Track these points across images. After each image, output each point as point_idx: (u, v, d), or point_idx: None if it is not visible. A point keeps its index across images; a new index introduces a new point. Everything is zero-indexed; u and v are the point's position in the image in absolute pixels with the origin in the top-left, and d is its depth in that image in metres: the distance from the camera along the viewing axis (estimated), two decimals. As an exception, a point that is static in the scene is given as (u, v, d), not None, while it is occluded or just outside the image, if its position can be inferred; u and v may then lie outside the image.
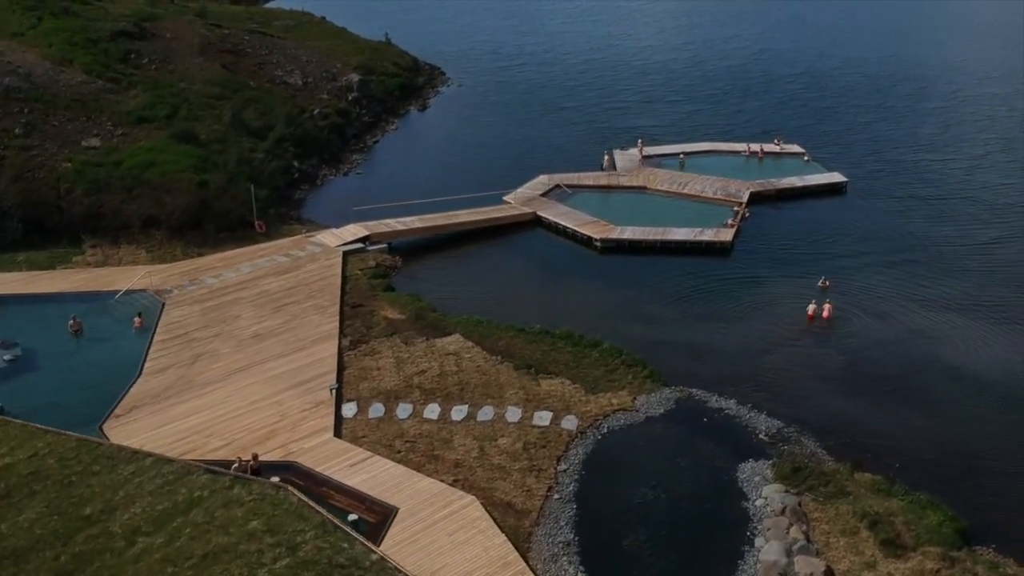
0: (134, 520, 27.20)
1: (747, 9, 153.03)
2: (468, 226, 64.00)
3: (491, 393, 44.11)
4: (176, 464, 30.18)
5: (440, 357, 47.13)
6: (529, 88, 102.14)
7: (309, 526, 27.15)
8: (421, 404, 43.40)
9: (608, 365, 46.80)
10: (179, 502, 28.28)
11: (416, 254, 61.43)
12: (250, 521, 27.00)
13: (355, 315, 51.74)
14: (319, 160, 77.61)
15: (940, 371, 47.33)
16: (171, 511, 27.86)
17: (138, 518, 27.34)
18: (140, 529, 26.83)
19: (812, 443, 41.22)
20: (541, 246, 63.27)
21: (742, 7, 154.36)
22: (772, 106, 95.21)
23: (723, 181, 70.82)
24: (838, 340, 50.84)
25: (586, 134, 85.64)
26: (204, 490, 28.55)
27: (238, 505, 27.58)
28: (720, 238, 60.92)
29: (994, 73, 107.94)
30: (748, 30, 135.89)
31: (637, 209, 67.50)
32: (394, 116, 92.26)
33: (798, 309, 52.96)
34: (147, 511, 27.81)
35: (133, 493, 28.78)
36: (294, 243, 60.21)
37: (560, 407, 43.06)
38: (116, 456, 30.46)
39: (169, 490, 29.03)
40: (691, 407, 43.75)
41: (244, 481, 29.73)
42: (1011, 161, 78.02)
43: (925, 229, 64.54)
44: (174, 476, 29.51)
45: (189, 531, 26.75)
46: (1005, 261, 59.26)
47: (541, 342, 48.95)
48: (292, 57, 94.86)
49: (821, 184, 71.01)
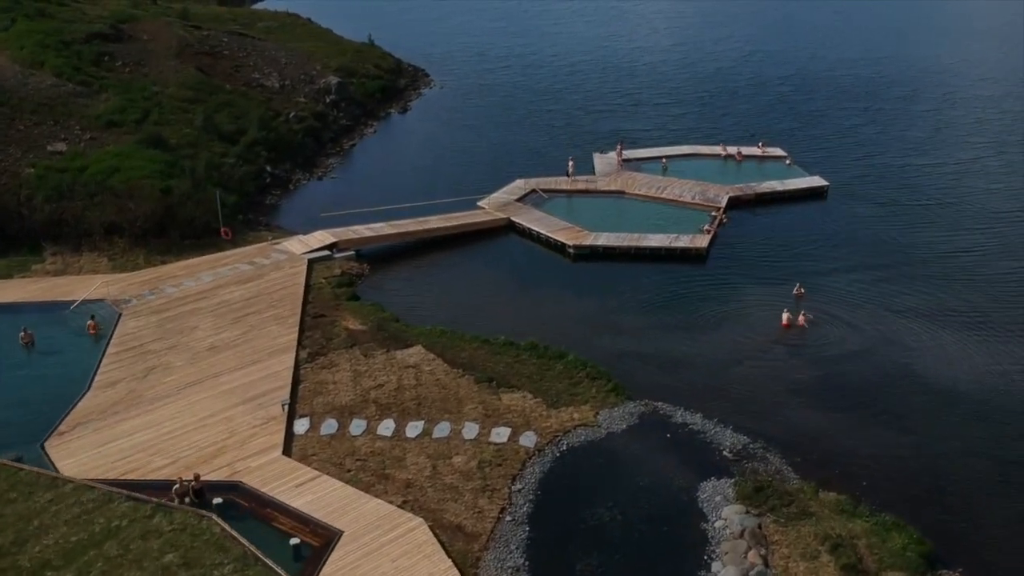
0: (45, 553, 25.73)
1: (742, 10, 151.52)
2: (439, 232, 62.50)
3: (449, 408, 42.59)
4: (97, 491, 28.58)
5: (399, 370, 45.64)
6: (513, 91, 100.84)
7: (229, 559, 25.66)
8: (376, 420, 41.90)
9: (572, 378, 45.25)
10: (95, 533, 26.81)
11: (385, 261, 59.99)
12: (166, 554, 25.55)
13: (316, 326, 50.20)
14: (293, 164, 76.16)
15: (913, 383, 46.09)
16: (85, 543, 26.39)
17: (49, 550, 25.87)
18: (50, 563, 25.37)
19: (778, 460, 39.73)
20: (513, 253, 61.86)
21: (737, 7, 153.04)
22: (760, 109, 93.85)
23: (702, 185, 69.36)
24: (811, 350, 49.48)
25: (567, 138, 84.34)
26: (123, 519, 27.07)
27: (156, 536, 26.09)
28: (695, 244, 59.45)
29: (988, 74, 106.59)
30: (741, 31, 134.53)
31: (614, 214, 66.10)
32: (373, 119, 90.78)
33: (772, 317, 51.74)
34: (60, 543, 26.34)
35: (48, 523, 27.30)
36: (259, 251, 58.76)
37: (520, 423, 41.60)
38: (35, 483, 29.01)
39: (86, 519, 27.58)
40: (655, 422, 42.23)
41: (166, 510, 28.17)
42: (1001, 165, 76.58)
43: (906, 235, 63.31)
44: (93, 504, 28.03)
45: (100, 565, 25.29)
46: (987, 269, 58.04)
47: (505, 354, 47.44)
48: (271, 59, 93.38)
49: (802, 188, 69.55)
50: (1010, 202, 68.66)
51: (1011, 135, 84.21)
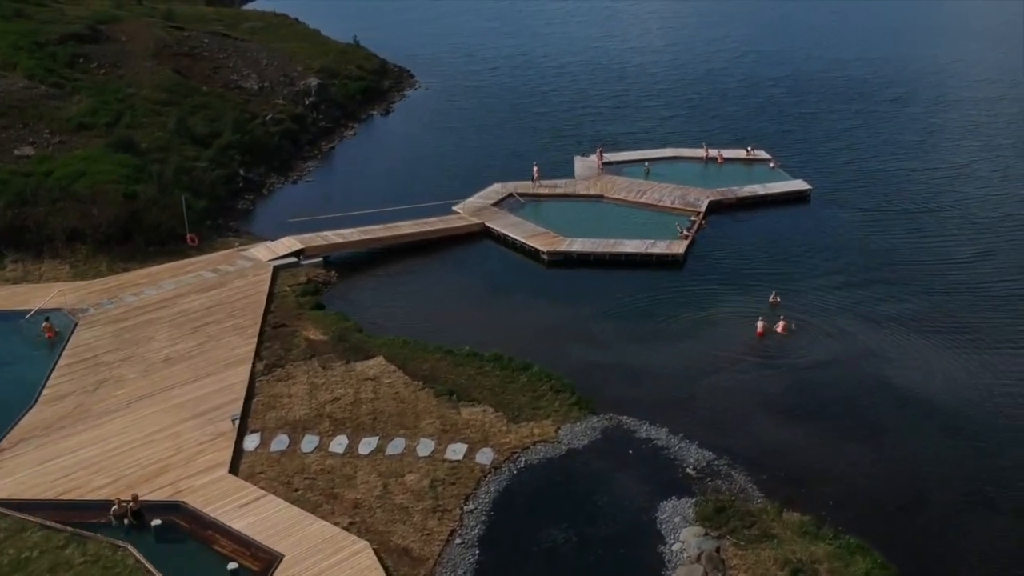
0: (-55, 587, 24.06)
1: (739, 9, 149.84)
2: (411, 238, 61.05)
3: (405, 423, 41.07)
4: (10, 519, 26.96)
5: (358, 383, 44.13)
6: (499, 92, 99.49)
7: (140, 593, 24.00)
8: (329, 436, 40.40)
9: (536, 391, 43.77)
10: (2, 565, 25.08)
11: (353, 268, 58.51)
12: (73, 588, 23.86)
13: (276, 336, 48.73)
14: (268, 168, 74.78)
15: (889, 395, 44.80)
16: (-11, 576, 24.73)
17: (-50, 585, 24.21)
18: (-51, 598, 23.71)
19: (743, 477, 38.23)
20: (487, 259, 60.33)
21: (734, 7, 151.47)
22: (750, 111, 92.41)
23: (683, 189, 67.83)
24: (785, 361, 48.21)
25: (551, 141, 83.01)
26: (34, 550, 25.55)
27: (66, 569, 24.61)
28: (672, 251, 57.93)
29: (984, 75, 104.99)
30: (736, 31, 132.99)
31: (592, 219, 64.65)
32: (354, 121, 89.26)
33: (748, 326, 50.47)
34: (-38, 576, 24.67)
35: (-45, 554, 25.64)
36: (224, 257, 57.26)
37: (477, 438, 40.05)
38: (-52, 510, 27.30)
39: (-5, 550, 25.90)
40: (618, 437, 40.69)
41: (80, 540, 26.55)
42: (993, 170, 74.92)
43: (890, 242, 61.95)
44: (4, 535, 26.35)
45: (2, 601, 23.62)
46: (972, 279, 56.58)
47: (468, 365, 45.93)
48: (252, 60, 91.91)
49: (784, 192, 68.09)
50: (1000, 208, 67.09)
51: (1005, 138, 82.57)
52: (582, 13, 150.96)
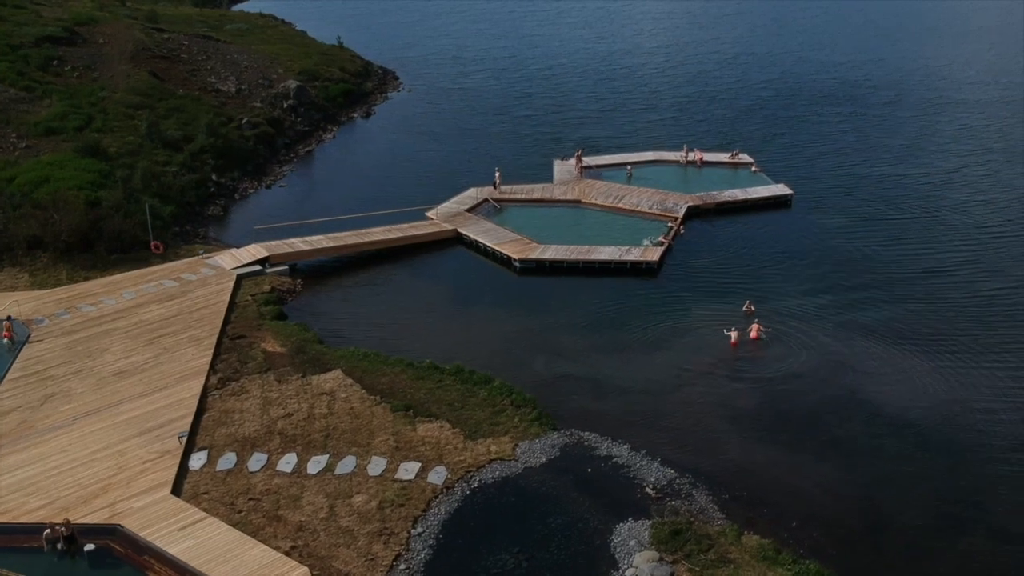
0: None
1: (733, 10, 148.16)
2: (381, 245, 59.55)
3: (358, 440, 39.51)
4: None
5: (312, 397, 42.58)
6: (484, 95, 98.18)
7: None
8: (278, 454, 38.85)
9: (496, 406, 42.22)
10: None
11: (320, 276, 57.01)
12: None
13: (233, 348, 47.19)
14: (242, 173, 73.18)
15: (861, 410, 43.32)
16: None
17: None
18: None
19: (704, 497, 36.66)
20: (458, 266, 58.84)
21: (726, 8, 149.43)
22: (738, 114, 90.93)
23: (661, 194, 66.29)
24: (756, 373, 46.77)
25: (533, 145, 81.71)
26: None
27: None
28: (646, 258, 56.39)
29: (979, 78, 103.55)
30: (729, 32, 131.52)
31: (568, 225, 63.21)
32: (334, 124, 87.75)
33: (721, 336, 49.17)
34: None
35: None
36: (188, 265, 55.71)
37: (432, 456, 38.50)
38: None
39: None
40: (578, 455, 39.09)
41: None
42: (984, 176, 73.31)
43: (873, 250, 60.54)
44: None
45: None
46: (956, 290, 54.94)
47: (428, 378, 44.39)
48: (231, 63, 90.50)
49: (765, 197, 66.34)
50: (989, 215, 65.36)
51: (996, 142, 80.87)
52: (574, 13, 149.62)
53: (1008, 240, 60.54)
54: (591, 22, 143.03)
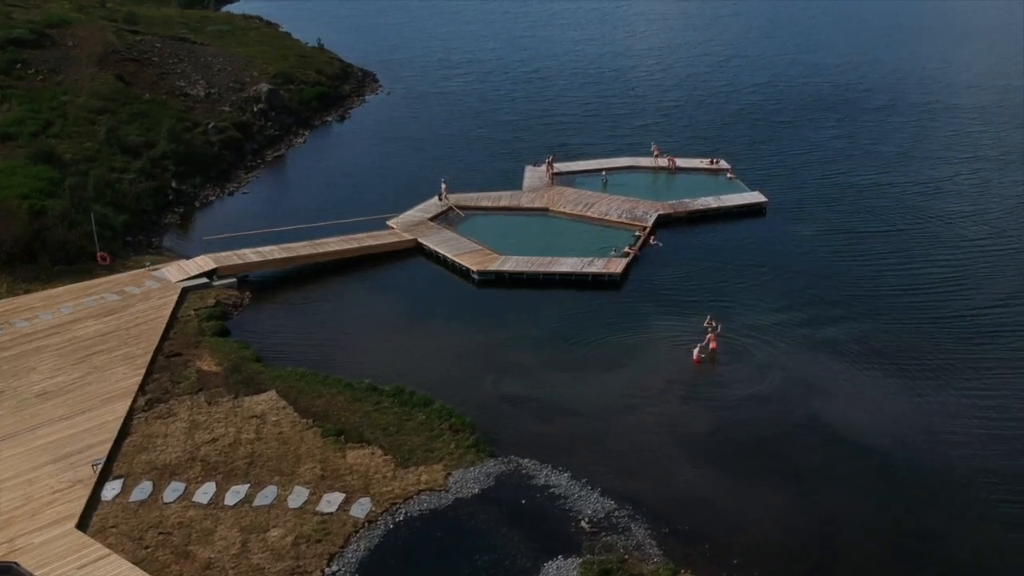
0: None
1: (729, 11, 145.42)
2: (337, 256, 57.26)
3: (283, 468, 37.15)
4: None
5: (242, 421, 40.28)
6: (464, 98, 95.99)
7: None
8: (196, 483, 36.57)
9: (433, 430, 39.84)
10: None
11: (271, 289, 54.80)
12: None
13: (167, 367, 44.95)
14: (204, 179, 70.88)
15: (820, 434, 41.15)
16: None
17: None
18: None
19: (643, 531, 34.37)
20: (415, 279, 56.62)
21: (721, 9, 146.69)
22: (725, 119, 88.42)
23: (632, 202, 63.85)
24: (713, 393, 44.56)
25: (509, 151, 79.57)
26: None
27: None
28: (609, 270, 54.04)
29: (977, 81, 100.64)
30: (723, 34, 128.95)
31: (534, 234, 61.22)
32: (306, 128, 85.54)
33: (681, 353, 47.43)
34: None
35: None
36: (133, 278, 53.47)
37: (358, 486, 36.13)
38: None
39: None
40: (514, 484, 36.78)
41: None
42: (976, 185, 70.41)
43: (847, 263, 58.03)
44: None
45: None
46: (930, 305, 52.41)
47: (366, 400, 42.11)
48: (204, 66, 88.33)
49: (739, 205, 63.79)
50: (977, 227, 62.36)
51: (991, 150, 77.87)
52: (568, 15, 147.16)
53: (995, 254, 57.78)
54: (584, 23, 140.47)
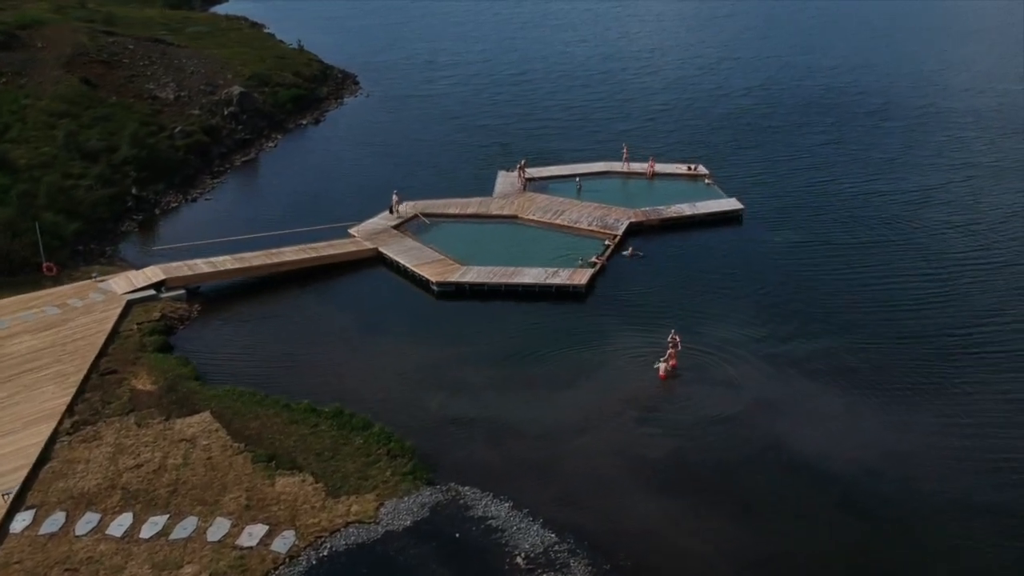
0: None
1: (724, 12, 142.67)
2: (293, 266, 54.94)
3: (207, 497, 34.81)
4: None
5: (170, 445, 37.97)
6: (445, 101, 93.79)
7: None
8: (113, 513, 34.39)
9: (370, 455, 37.58)
10: None
11: (222, 302, 52.64)
12: None
13: (100, 386, 42.83)
14: (167, 185, 68.34)
15: (781, 460, 39.01)
16: None
17: None
18: None
19: (583, 567, 32.49)
20: (373, 290, 54.55)
21: (716, 10, 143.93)
22: (712, 124, 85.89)
23: (604, 209, 61.39)
24: (671, 415, 42.41)
25: (484, 156, 77.43)
26: None
27: None
28: (574, 281, 51.63)
29: (972, 85, 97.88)
30: (716, 35, 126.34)
31: (500, 243, 59.25)
32: (279, 132, 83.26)
33: (642, 371, 45.51)
34: None
35: None
36: (77, 290, 51.20)
37: (284, 518, 33.78)
38: None
39: None
40: (449, 515, 34.50)
41: None
42: (968, 194, 67.56)
43: (823, 275, 55.72)
44: None
45: None
46: (911, 322, 49.75)
47: (303, 422, 39.79)
48: (176, 68, 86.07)
49: (714, 212, 61.30)
50: (966, 239, 59.62)
51: (985, 157, 75.15)
52: (561, 15, 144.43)
53: (981, 269, 55.11)
54: (577, 24, 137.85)
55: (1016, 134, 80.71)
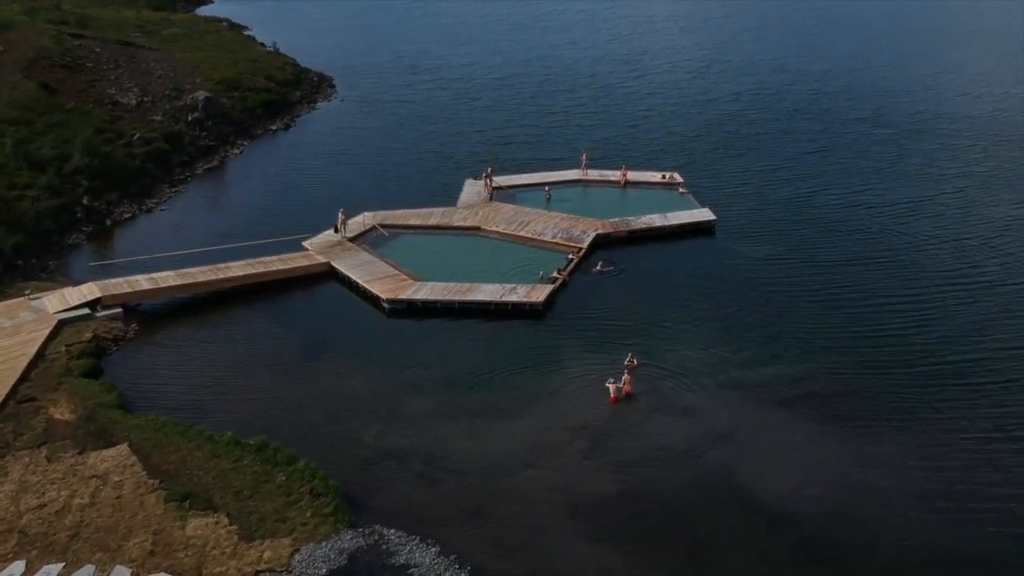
0: None
1: (719, 13, 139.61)
2: (241, 282, 52.28)
3: (109, 542, 32.16)
4: None
5: (79, 482, 35.33)
6: (421, 106, 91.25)
7: None
8: (5, 561, 32.21)
9: (291, 494, 34.78)
10: None
11: (162, 321, 49.86)
12: None
13: (15, 415, 40.24)
14: (122, 195, 65.35)
15: (736, 499, 36.29)
16: None
17: None
18: None
19: (509, 626, 28.01)
20: (322, 308, 51.86)
21: (711, 11, 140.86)
22: (697, 131, 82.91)
23: (571, 220, 58.50)
24: (621, 448, 39.46)
25: (458, 164, 74.43)
26: None
27: None
28: (531, 298, 48.90)
29: (969, 90, 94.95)
30: (709, 38, 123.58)
31: (461, 256, 56.81)
32: (246, 138, 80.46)
33: (596, 396, 42.78)
34: None
35: None
36: (7, 308, 48.71)
37: (189, 565, 30.84)
38: None
39: None
40: (369, 563, 31.86)
41: None
42: (959, 207, 63.94)
43: (796, 292, 52.80)
44: None
45: None
46: (886, 345, 46.78)
47: (226, 456, 37.05)
48: (143, 72, 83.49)
49: (684, 224, 58.17)
50: (952, 258, 56.11)
51: (979, 166, 72.05)
52: (553, 16, 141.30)
53: (971, 288, 51.88)
54: (568, 26, 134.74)
55: (1012, 141, 77.81)
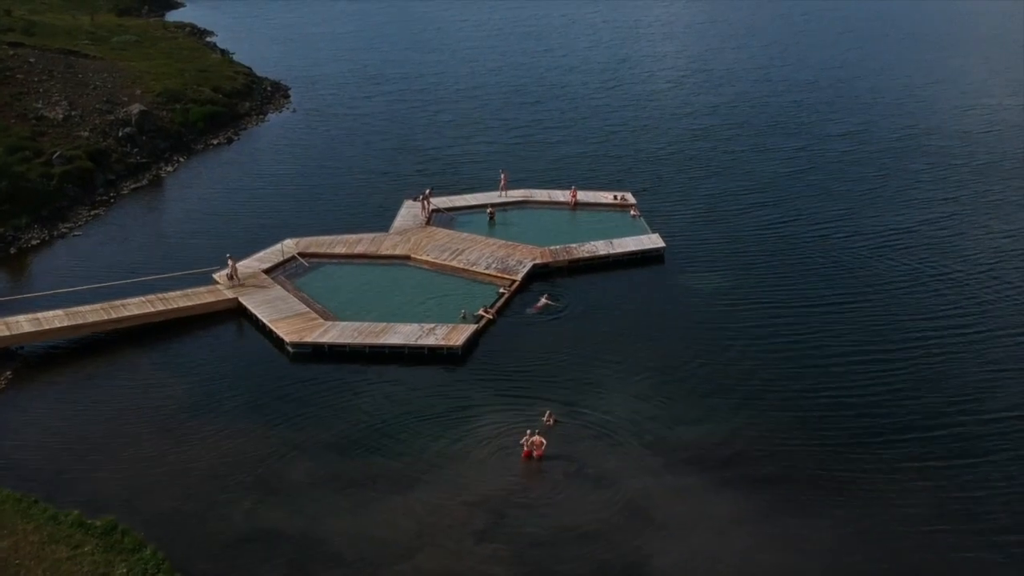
0: None
1: (706, 18, 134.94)
2: (138, 321, 47.49)
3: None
4: None
5: None
6: (376, 120, 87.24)
7: None
8: None
9: (130, 590, 28.51)
10: None
11: (43, 367, 45.50)
12: None
13: None
14: (32, 219, 59.75)
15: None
16: None
17: None
18: None
19: None
20: (225, 351, 47.68)
21: (698, 17, 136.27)
22: (667, 149, 78.55)
23: (508, 247, 53.76)
24: (524, 525, 34.76)
25: (400, 183, 69.57)
26: None
27: None
28: (449, 342, 43.48)
29: (962, 102, 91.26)
30: (692, 45, 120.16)
31: (383, 290, 52.70)
32: (184, 153, 75.66)
33: (506, 460, 38.15)
34: None
35: None
36: None
37: None
38: None
39: None
40: None
41: None
42: (943, 239, 58.69)
43: (743, 338, 47.45)
44: None
45: None
46: (833, 405, 41.48)
47: (66, 541, 32.39)
48: (78, 83, 78.77)
49: (632, 252, 53.39)
50: (932, 300, 50.82)
51: (965, 190, 67.40)
52: (532, 22, 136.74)
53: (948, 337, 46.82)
54: (547, 32, 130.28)
55: (1007, 159, 72.09)
